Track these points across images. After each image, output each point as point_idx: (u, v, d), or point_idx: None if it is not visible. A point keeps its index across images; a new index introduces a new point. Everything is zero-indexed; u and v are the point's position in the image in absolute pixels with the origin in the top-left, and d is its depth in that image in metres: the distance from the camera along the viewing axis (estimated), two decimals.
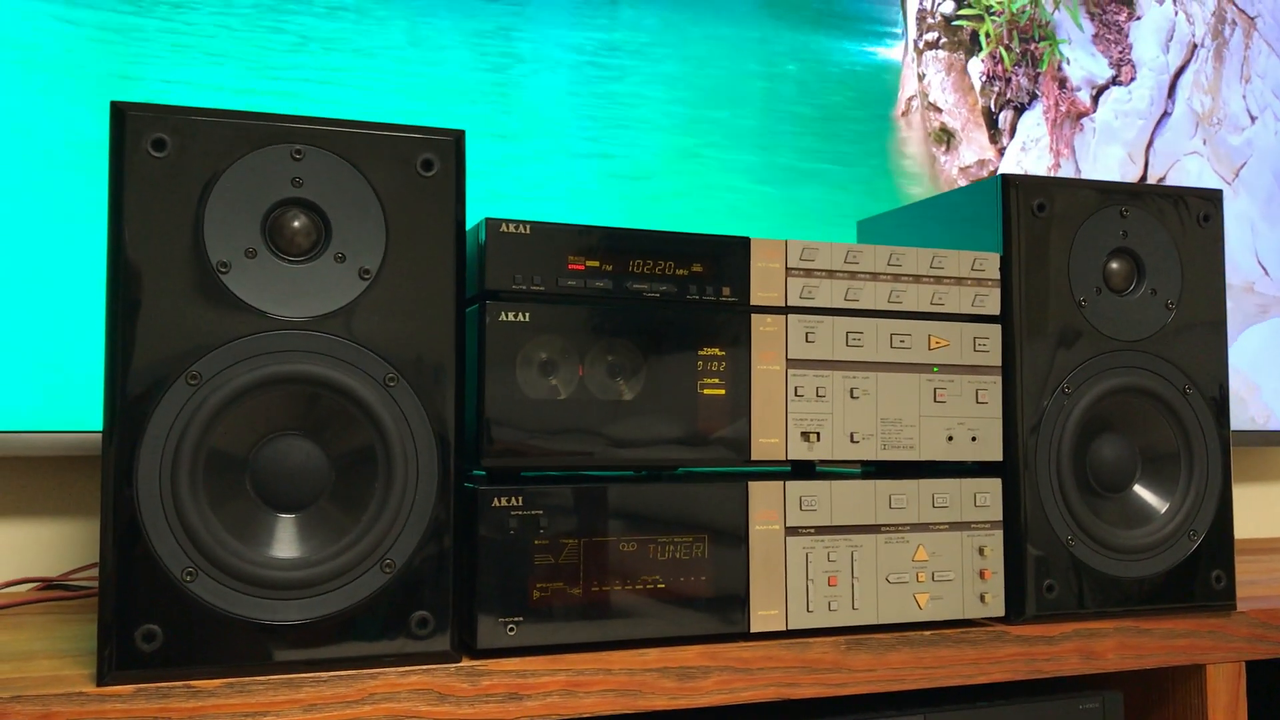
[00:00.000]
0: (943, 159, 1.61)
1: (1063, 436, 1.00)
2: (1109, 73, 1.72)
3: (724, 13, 1.49)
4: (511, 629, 0.84)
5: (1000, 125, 1.65)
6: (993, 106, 1.64)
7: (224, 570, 0.78)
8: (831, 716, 0.93)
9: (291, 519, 0.81)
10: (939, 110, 1.61)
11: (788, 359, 0.94)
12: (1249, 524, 1.78)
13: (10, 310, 1.17)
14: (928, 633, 0.95)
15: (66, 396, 1.17)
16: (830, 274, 0.96)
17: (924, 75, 1.61)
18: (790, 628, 0.92)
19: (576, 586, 0.86)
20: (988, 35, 1.63)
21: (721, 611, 0.90)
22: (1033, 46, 1.67)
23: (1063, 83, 1.69)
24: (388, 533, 0.81)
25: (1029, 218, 1.01)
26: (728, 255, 0.93)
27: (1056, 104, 1.68)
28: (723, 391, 0.92)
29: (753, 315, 0.93)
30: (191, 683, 0.76)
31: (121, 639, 0.75)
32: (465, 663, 0.83)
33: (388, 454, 0.81)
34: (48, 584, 1.18)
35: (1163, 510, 1.04)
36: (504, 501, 0.85)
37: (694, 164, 1.46)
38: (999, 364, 1.01)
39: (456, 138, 0.85)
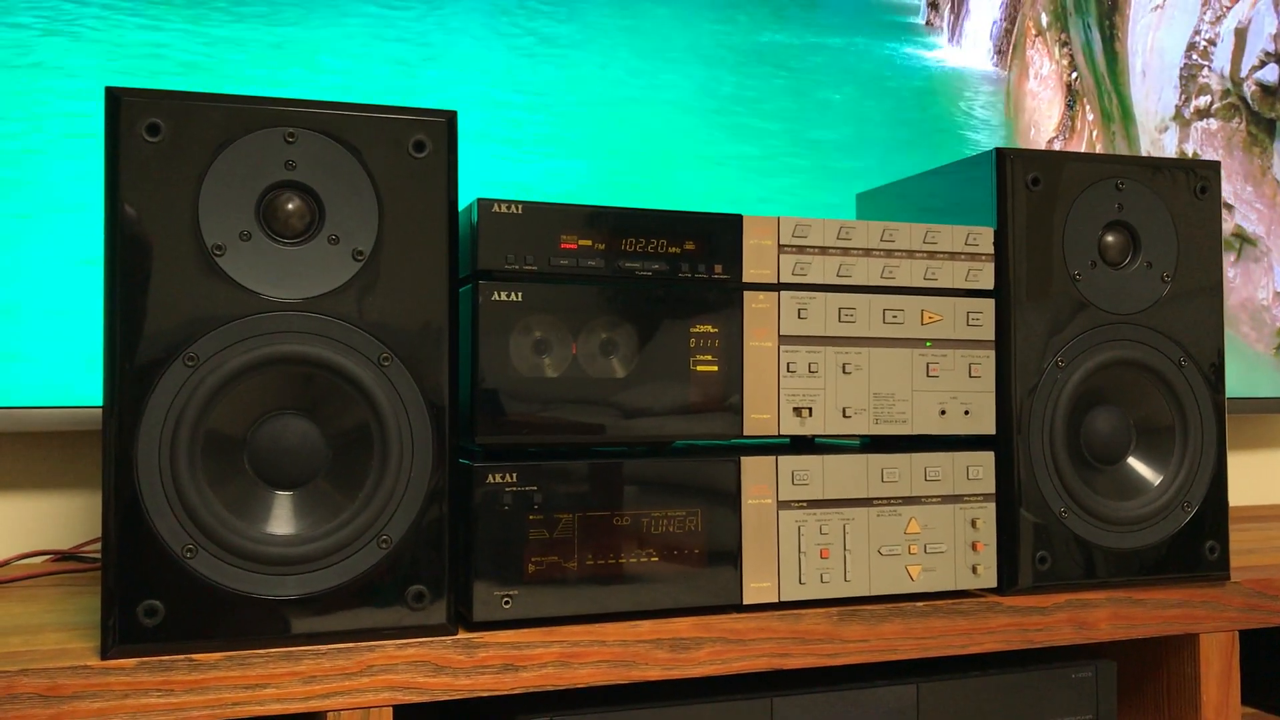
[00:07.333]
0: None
1: (1056, 409, 1.01)
2: None
3: None
4: (507, 602, 0.86)
5: None
6: None
7: (223, 546, 0.79)
8: (824, 687, 0.94)
9: (289, 496, 0.82)
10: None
11: (780, 335, 0.95)
12: (1248, 491, 1.78)
13: (19, 288, 1.18)
14: (920, 604, 0.96)
15: (78, 371, 1.19)
16: (823, 250, 0.96)
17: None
18: (782, 599, 0.93)
19: (571, 560, 0.88)
20: None
21: (714, 584, 0.91)
22: None
23: None
24: (384, 509, 0.83)
25: (1024, 192, 1.01)
26: (720, 233, 0.94)
27: None
28: (715, 368, 0.93)
29: (745, 292, 0.94)
30: (193, 656, 0.78)
31: (124, 614, 0.77)
32: (462, 635, 0.84)
33: (383, 432, 0.83)
34: (60, 556, 1.20)
35: (1157, 482, 1.05)
36: (498, 478, 0.86)
37: None
38: (992, 338, 1.01)
39: (449, 119, 0.86)
